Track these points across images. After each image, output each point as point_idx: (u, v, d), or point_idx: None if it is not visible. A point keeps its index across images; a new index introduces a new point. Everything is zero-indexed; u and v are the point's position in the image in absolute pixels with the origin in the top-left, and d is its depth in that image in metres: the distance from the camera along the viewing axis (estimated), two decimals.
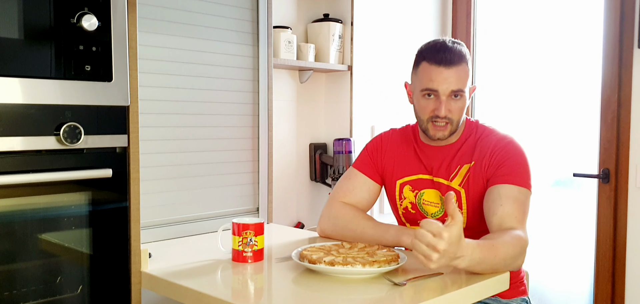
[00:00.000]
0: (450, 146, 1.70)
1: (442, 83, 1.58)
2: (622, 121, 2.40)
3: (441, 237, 1.24)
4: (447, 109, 1.60)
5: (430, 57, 1.61)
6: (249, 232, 1.52)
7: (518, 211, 1.52)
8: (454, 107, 1.61)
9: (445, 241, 1.24)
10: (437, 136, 1.64)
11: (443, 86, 1.58)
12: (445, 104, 1.59)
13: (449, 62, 1.58)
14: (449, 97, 1.60)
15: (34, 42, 1.28)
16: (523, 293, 1.76)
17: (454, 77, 1.58)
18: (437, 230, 1.24)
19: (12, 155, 1.27)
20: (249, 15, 2.08)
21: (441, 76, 1.58)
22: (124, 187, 1.44)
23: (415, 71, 1.67)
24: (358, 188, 1.78)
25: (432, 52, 1.61)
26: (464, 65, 1.61)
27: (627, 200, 2.41)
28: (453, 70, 1.58)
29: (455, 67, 1.58)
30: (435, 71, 1.59)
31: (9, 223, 1.32)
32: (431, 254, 1.25)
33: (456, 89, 1.59)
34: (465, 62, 1.61)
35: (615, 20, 2.40)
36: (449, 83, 1.58)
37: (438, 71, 1.58)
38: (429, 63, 1.60)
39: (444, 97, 1.59)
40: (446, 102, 1.60)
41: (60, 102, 1.32)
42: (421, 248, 1.26)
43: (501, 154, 1.61)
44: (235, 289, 1.42)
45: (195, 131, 1.96)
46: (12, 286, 1.32)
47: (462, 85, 1.60)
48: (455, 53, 1.59)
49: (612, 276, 2.47)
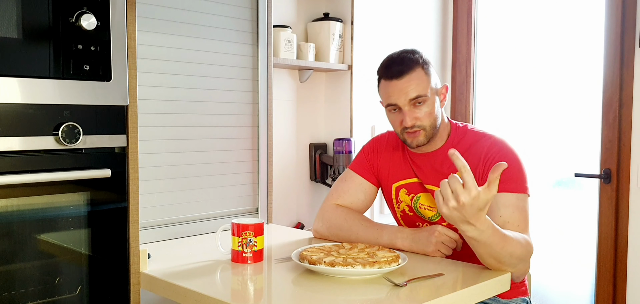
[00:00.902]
0: (438, 152, 1.69)
1: (399, 95, 1.61)
2: (624, 121, 2.40)
3: (469, 191, 1.24)
4: (412, 118, 1.61)
5: (383, 73, 1.66)
6: (249, 232, 1.52)
7: (519, 218, 1.52)
8: (420, 114, 1.61)
9: (469, 198, 1.24)
10: (414, 143, 1.65)
11: (400, 98, 1.61)
12: (409, 114, 1.61)
13: (399, 74, 1.60)
14: (411, 106, 1.61)
15: (32, 41, 1.27)
16: (524, 294, 1.75)
17: (408, 85, 1.60)
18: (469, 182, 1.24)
19: (11, 155, 1.27)
20: (249, 15, 2.08)
21: (396, 89, 1.61)
22: (123, 187, 1.44)
23: (378, 90, 1.70)
24: (353, 189, 1.78)
25: (384, 69, 1.66)
26: (418, 70, 1.61)
27: (628, 200, 2.40)
28: (405, 79, 1.60)
29: (407, 75, 1.60)
30: (389, 86, 1.62)
31: (8, 223, 1.31)
32: (450, 199, 1.26)
33: (414, 96, 1.60)
34: (418, 67, 1.62)
35: (617, 19, 2.40)
36: (405, 93, 1.60)
37: (392, 85, 1.62)
38: (384, 80, 1.65)
39: (405, 107, 1.61)
40: (409, 111, 1.61)
41: (59, 102, 1.31)
42: (445, 189, 1.27)
43: (496, 159, 1.59)
44: (234, 290, 1.42)
45: (195, 131, 1.95)
46: (11, 286, 1.31)
47: (420, 90, 1.60)
48: (404, 62, 1.62)
49: (614, 277, 2.46)
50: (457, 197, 1.25)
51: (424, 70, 1.62)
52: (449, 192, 1.27)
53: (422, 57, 1.65)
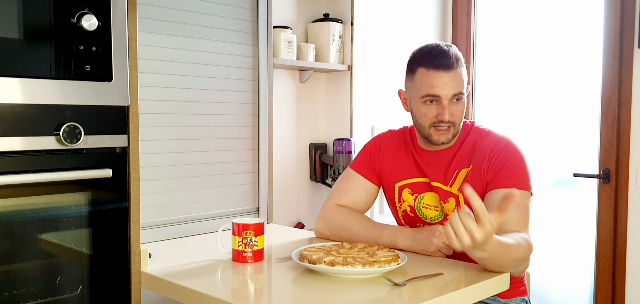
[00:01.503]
0: (448, 151, 1.69)
1: (443, 88, 1.58)
2: (623, 121, 2.40)
3: (484, 228, 1.21)
4: (450, 114, 1.59)
5: (427, 63, 1.60)
6: (249, 232, 1.52)
7: (520, 215, 1.52)
8: (456, 111, 1.61)
9: (485, 234, 1.22)
10: (440, 140, 1.63)
11: (445, 91, 1.58)
12: (448, 109, 1.59)
13: (448, 67, 1.58)
14: (451, 101, 1.60)
15: (33, 42, 1.28)
16: (523, 293, 1.76)
17: (454, 81, 1.58)
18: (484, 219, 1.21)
19: (12, 155, 1.27)
20: (249, 15, 2.08)
21: (442, 81, 1.57)
22: (124, 187, 1.44)
23: (412, 78, 1.65)
24: (355, 189, 1.78)
25: (429, 58, 1.60)
26: (462, 67, 1.61)
27: (627, 200, 2.41)
28: (452, 73, 1.58)
29: (454, 70, 1.58)
30: (435, 76, 1.58)
31: (9, 223, 1.32)
32: (464, 237, 1.23)
33: (457, 92, 1.59)
34: (462, 64, 1.62)
35: (616, 20, 2.40)
36: (450, 87, 1.58)
37: (438, 76, 1.57)
38: (427, 69, 1.59)
39: (446, 101, 1.59)
40: (449, 106, 1.59)
41: (60, 102, 1.32)
42: (458, 227, 1.23)
43: (500, 157, 1.60)
44: (235, 289, 1.42)
45: (195, 131, 1.95)
46: (12, 286, 1.32)
47: (462, 87, 1.60)
48: (452, 56, 1.59)
49: (613, 277, 2.47)
50: (472, 235, 1.22)
51: (464, 69, 1.62)
52: (461, 228, 1.23)
53: (462, 56, 1.64)
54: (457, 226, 1.24)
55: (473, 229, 1.22)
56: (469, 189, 1.22)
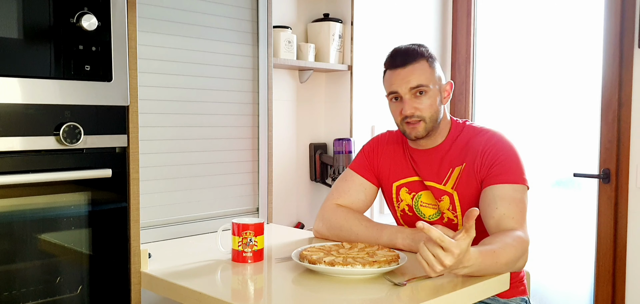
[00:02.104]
0: (437, 149, 1.70)
1: (400, 84, 1.63)
2: (623, 121, 2.40)
3: (451, 253, 1.24)
4: (411, 107, 1.62)
5: (388, 63, 1.69)
6: (249, 232, 1.52)
7: (515, 210, 1.52)
8: (421, 105, 1.63)
9: (454, 258, 1.25)
10: (412, 134, 1.66)
11: (402, 87, 1.63)
12: (409, 103, 1.62)
13: (403, 63, 1.64)
14: (413, 96, 1.63)
15: (33, 42, 1.28)
16: (523, 293, 1.76)
17: (411, 74, 1.62)
18: (448, 245, 1.24)
19: (12, 155, 1.27)
20: (249, 15, 2.08)
21: (399, 77, 1.63)
22: (124, 187, 1.44)
23: (383, 82, 1.72)
24: (354, 189, 1.79)
25: (389, 59, 1.69)
26: (422, 62, 1.64)
27: (627, 200, 2.41)
28: (408, 68, 1.63)
29: (410, 65, 1.63)
30: (392, 74, 1.66)
31: (9, 223, 1.32)
32: (435, 265, 1.26)
33: (415, 85, 1.62)
34: (423, 59, 1.64)
35: (616, 19, 2.40)
36: (406, 81, 1.62)
37: (395, 73, 1.65)
38: (388, 69, 1.69)
39: (406, 96, 1.63)
40: (410, 100, 1.63)
41: (60, 102, 1.32)
42: (428, 256, 1.27)
43: (492, 152, 1.61)
44: (235, 289, 1.42)
45: (195, 131, 1.95)
46: (12, 286, 1.32)
47: (422, 80, 1.62)
48: (409, 52, 1.65)
49: (613, 277, 2.47)
50: (441, 262, 1.25)
51: (428, 63, 1.65)
52: (431, 258, 1.26)
53: (428, 51, 1.67)
54: (427, 256, 1.27)
55: (441, 256, 1.25)
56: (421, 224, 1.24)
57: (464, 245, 1.26)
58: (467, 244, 1.27)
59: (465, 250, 1.26)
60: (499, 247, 1.41)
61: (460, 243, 1.25)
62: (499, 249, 1.40)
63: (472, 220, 1.26)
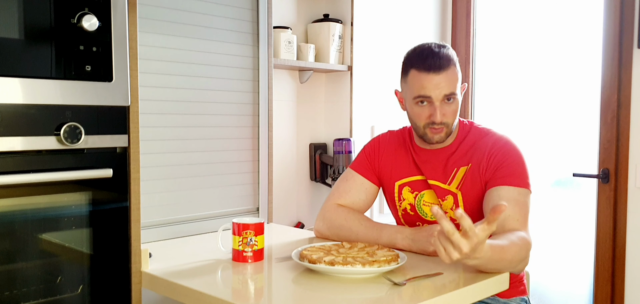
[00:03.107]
0: (445, 149, 1.70)
1: (434, 89, 1.58)
2: (622, 121, 2.40)
3: (470, 239, 1.22)
4: (442, 114, 1.60)
5: (418, 64, 1.60)
6: (249, 232, 1.53)
7: (519, 213, 1.53)
8: (448, 111, 1.61)
9: (471, 245, 1.22)
10: (435, 139, 1.64)
11: (435, 92, 1.58)
12: (440, 109, 1.60)
13: (439, 68, 1.58)
14: (443, 102, 1.60)
15: (34, 42, 1.28)
16: (522, 293, 1.76)
17: (445, 81, 1.58)
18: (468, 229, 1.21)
19: (13, 155, 1.28)
20: (249, 16, 2.08)
21: (432, 83, 1.58)
22: (125, 187, 1.44)
23: (405, 79, 1.67)
24: (354, 189, 1.79)
25: (420, 59, 1.61)
26: (453, 67, 1.61)
27: (626, 200, 2.41)
28: (443, 75, 1.58)
29: (444, 71, 1.58)
30: (425, 78, 1.59)
31: (9, 223, 1.32)
32: (452, 252, 1.23)
33: (448, 93, 1.59)
34: (453, 64, 1.61)
35: (615, 20, 2.41)
36: (441, 88, 1.58)
37: (428, 78, 1.58)
38: (418, 70, 1.60)
39: (437, 102, 1.60)
40: (440, 107, 1.60)
41: (61, 102, 1.32)
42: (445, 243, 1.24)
43: (498, 155, 1.61)
44: (235, 289, 1.43)
45: (196, 131, 1.96)
46: (13, 286, 1.32)
47: (454, 88, 1.60)
48: (443, 58, 1.59)
49: (612, 276, 2.47)
50: (459, 250, 1.23)
51: (457, 69, 1.62)
52: (449, 247, 1.23)
53: (455, 55, 1.64)
54: (444, 242, 1.24)
55: (460, 243, 1.22)
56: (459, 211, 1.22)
57: (483, 236, 1.23)
58: (485, 236, 1.24)
59: (482, 241, 1.24)
60: (506, 244, 1.41)
61: (479, 233, 1.22)
62: (507, 246, 1.41)
63: (499, 214, 1.22)
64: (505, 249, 1.40)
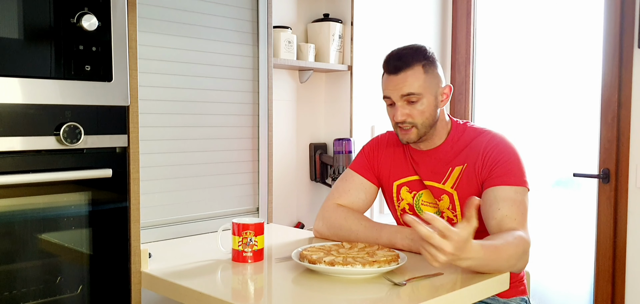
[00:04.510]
0: (437, 150, 1.70)
1: (392, 90, 1.63)
2: (623, 121, 2.40)
3: (450, 239, 1.24)
4: (403, 114, 1.62)
5: (384, 67, 1.68)
6: (249, 232, 1.52)
7: (516, 212, 1.52)
8: (413, 111, 1.62)
9: (453, 244, 1.24)
10: (404, 139, 1.67)
11: (394, 93, 1.63)
12: (400, 109, 1.62)
13: (396, 69, 1.62)
14: (405, 102, 1.62)
15: (33, 42, 1.28)
16: (522, 293, 1.76)
17: (402, 82, 1.61)
18: (444, 229, 1.24)
19: (12, 155, 1.27)
20: (249, 15, 2.08)
21: (391, 84, 1.63)
22: (124, 187, 1.44)
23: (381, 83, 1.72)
24: (354, 189, 1.79)
25: (384, 62, 1.68)
26: (416, 68, 1.61)
27: (627, 200, 2.41)
28: (401, 75, 1.61)
29: (403, 72, 1.61)
30: (386, 80, 1.66)
31: (9, 223, 1.32)
32: (437, 255, 1.26)
33: (406, 93, 1.61)
34: (417, 64, 1.62)
35: (616, 20, 2.40)
36: (398, 88, 1.62)
37: (389, 79, 1.64)
38: (384, 73, 1.68)
39: (398, 102, 1.63)
40: (401, 107, 1.63)
41: (60, 102, 1.32)
42: (429, 248, 1.26)
43: (493, 154, 1.61)
44: (235, 289, 1.42)
45: (195, 131, 1.96)
46: (12, 286, 1.32)
47: (413, 88, 1.61)
48: (402, 58, 1.62)
49: (613, 277, 2.47)
50: (443, 251, 1.25)
51: (423, 69, 1.62)
52: (432, 250, 1.26)
53: (426, 55, 1.64)
54: (428, 248, 1.26)
55: (442, 245, 1.24)
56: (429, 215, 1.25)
57: (465, 233, 1.26)
58: (469, 233, 1.26)
59: (466, 238, 1.26)
60: (501, 243, 1.42)
61: (460, 232, 1.25)
62: (501, 245, 1.41)
63: (472, 208, 1.26)
64: (500, 249, 1.40)
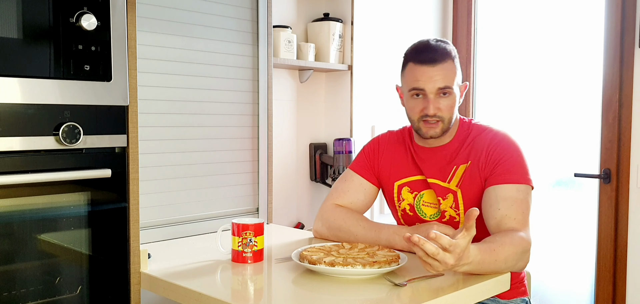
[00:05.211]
0: (444, 147, 1.70)
1: (428, 82, 1.60)
2: (624, 121, 2.40)
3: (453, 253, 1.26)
4: (435, 107, 1.60)
5: (414, 57, 1.63)
6: (249, 232, 1.52)
7: (517, 211, 1.52)
8: (443, 105, 1.61)
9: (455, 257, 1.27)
10: (429, 134, 1.64)
11: (429, 85, 1.60)
12: (433, 102, 1.60)
13: (433, 61, 1.59)
14: (437, 95, 1.61)
15: (33, 41, 1.28)
16: (523, 294, 1.75)
17: (440, 74, 1.59)
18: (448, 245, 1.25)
19: (11, 155, 1.27)
20: (249, 15, 2.08)
21: (426, 75, 1.60)
22: (123, 187, 1.44)
23: (403, 73, 1.69)
24: (353, 189, 1.78)
25: (416, 53, 1.63)
26: (449, 62, 1.61)
27: (628, 200, 2.40)
28: (438, 67, 1.59)
29: (440, 64, 1.59)
30: (420, 70, 1.60)
31: (8, 223, 1.31)
32: (439, 267, 1.28)
33: (443, 86, 1.60)
34: (450, 59, 1.62)
35: (617, 19, 2.40)
36: (434, 81, 1.59)
37: (423, 70, 1.60)
38: (414, 63, 1.62)
39: (431, 95, 1.60)
40: (434, 100, 1.60)
41: (59, 102, 1.31)
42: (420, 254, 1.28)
43: (497, 151, 1.61)
44: (234, 289, 1.42)
45: (195, 131, 1.95)
46: (12, 286, 1.32)
47: (449, 82, 1.60)
48: (438, 51, 1.61)
49: (613, 277, 2.47)
50: (445, 264, 1.27)
51: (454, 64, 1.63)
52: (436, 264, 1.27)
53: (454, 50, 1.65)
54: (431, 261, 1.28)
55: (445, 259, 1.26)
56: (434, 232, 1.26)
57: (464, 243, 1.27)
58: (467, 242, 1.28)
59: (464, 248, 1.28)
60: (497, 245, 1.42)
61: (459, 242, 1.26)
62: (498, 247, 1.41)
63: (472, 220, 1.27)
64: (497, 251, 1.40)
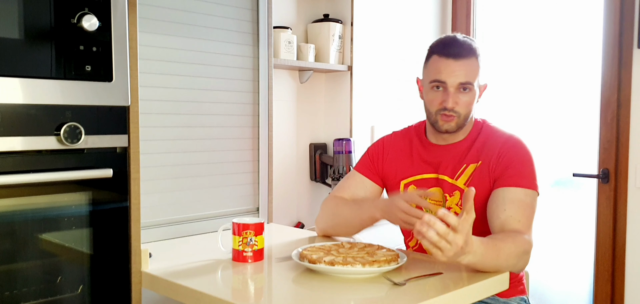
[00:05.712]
0: (457, 145, 1.70)
1: (449, 75, 1.60)
2: (622, 121, 2.40)
3: (460, 232, 1.24)
4: (454, 101, 1.60)
5: (439, 50, 1.63)
6: (249, 232, 1.53)
7: (522, 214, 1.53)
8: (462, 101, 1.61)
9: (463, 236, 1.25)
10: (444, 127, 1.64)
11: (451, 78, 1.60)
12: (453, 96, 1.60)
13: (457, 55, 1.60)
14: (457, 90, 1.61)
15: (34, 42, 1.28)
16: (522, 293, 1.76)
17: (462, 70, 1.59)
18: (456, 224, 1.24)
19: (13, 155, 1.27)
20: (249, 16, 2.08)
21: (449, 68, 1.60)
22: (125, 187, 1.44)
23: (426, 65, 1.69)
24: (353, 186, 1.80)
25: (441, 46, 1.64)
26: (473, 59, 1.62)
27: (626, 200, 2.41)
28: (461, 62, 1.59)
29: (463, 60, 1.60)
30: (443, 63, 1.61)
31: (10, 223, 1.32)
32: (448, 249, 1.25)
33: (464, 81, 1.60)
34: (474, 56, 1.62)
35: (615, 20, 2.40)
36: (456, 75, 1.59)
37: (446, 63, 1.60)
38: (438, 56, 1.63)
39: (451, 89, 1.60)
40: (454, 94, 1.60)
41: (61, 102, 1.32)
42: (431, 235, 1.25)
43: (508, 155, 1.61)
44: (235, 289, 1.43)
45: (196, 131, 1.96)
46: (13, 286, 1.32)
47: (470, 78, 1.61)
48: (464, 46, 1.61)
49: (612, 276, 2.47)
50: (456, 245, 1.25)
51: (477, 61, 1.63)
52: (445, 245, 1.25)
53: (480, 49, 1.65)
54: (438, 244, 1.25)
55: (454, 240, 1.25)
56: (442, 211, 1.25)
57: (467, 225, 1.26)
58: (469, 225, 1.27)
59: (469, 230, 1.27)
60: (500, 242, 1.42)
61: (462, 221, 1.25)
62: (500, 243, 1.42)
63: (471, 201, 1.26)
64: (499, 247, 1.41)
